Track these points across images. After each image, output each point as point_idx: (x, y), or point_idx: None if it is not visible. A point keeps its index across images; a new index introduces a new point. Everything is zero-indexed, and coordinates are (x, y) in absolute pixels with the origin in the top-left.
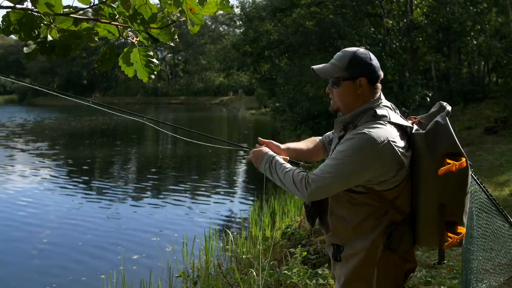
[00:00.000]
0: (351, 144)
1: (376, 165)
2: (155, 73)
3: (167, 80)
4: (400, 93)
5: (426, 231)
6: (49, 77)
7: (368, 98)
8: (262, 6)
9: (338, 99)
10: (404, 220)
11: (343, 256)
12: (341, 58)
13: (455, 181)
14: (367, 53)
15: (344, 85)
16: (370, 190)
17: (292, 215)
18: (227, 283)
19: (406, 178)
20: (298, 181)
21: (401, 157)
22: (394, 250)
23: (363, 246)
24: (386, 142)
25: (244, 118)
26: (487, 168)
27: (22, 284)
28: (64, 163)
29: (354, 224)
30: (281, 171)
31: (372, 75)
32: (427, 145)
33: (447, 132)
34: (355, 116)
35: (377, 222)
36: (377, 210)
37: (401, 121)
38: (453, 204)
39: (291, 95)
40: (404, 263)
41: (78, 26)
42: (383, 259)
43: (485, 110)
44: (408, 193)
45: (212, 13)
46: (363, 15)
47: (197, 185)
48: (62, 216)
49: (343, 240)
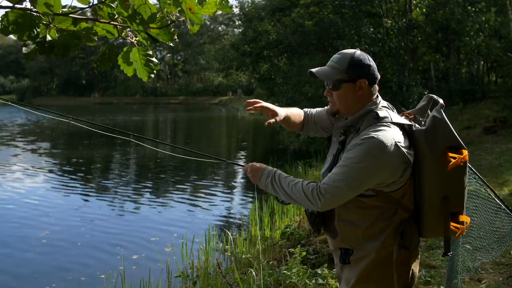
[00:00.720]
0: (361, 150)
1: (387, 168)
2: (155, 72)
3: (166, 80)
4: (399, 93)
5: (431, 223)
6: (48, 77)
7: (368, 100)
8: (261, 6)
9: (339, 102)
10: (410, 217)
11: (352, 259)
12: (340, 60)
13: (458, 174)
14: (365, 55)
15: (345, 88)
16: (379, 192)
17: (292, 215)
18: (226, 283)
19: (410, 176)
20: (309, 193)
21: (407, 157)
22: (408, 248)
23: (373, 248)
24: (394, 144)
25: (243, 118)
26: (486, 168)
27: (22, 284)
28: (63, 163)
29: (363, 228)
30: (287, 185)
31: (371, 77)
32: (428, 141)
33: (446, 126)
34: (356, 120)
35: (387, 223)
36: (386, 211)
37: (401, 120)
38: (456, 195)
39: (290, 95)
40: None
41: (77, 26)
42: (399, 259)
43: (484, 109)
44: (412, 190)
45: (211, 13)
46: (362, 14)
47: (197, 185)
48: (61, 216)
49: (353, 244)
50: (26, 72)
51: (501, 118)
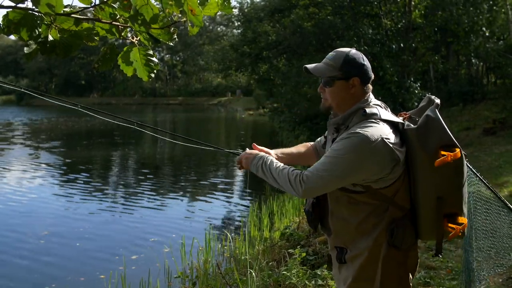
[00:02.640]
0: (346, 143)
1: (371, 163)
2: (155, 72)
3: (165, 80)
4: (399, 94)
5: (428, 225)
6: (47, 77)
7: (360, 98)
8: (260, 7)
9: (331, 99)
10: (405, 216)
11: (347, 257)
12: (335, 58)
13: (451, 173)
14: (359, 54)
15: (338, 85)
16: (368, 188)
17: (291, 216)
18: (225, 283)
19: (403, 174)
20: (292, 179)
21: (396, 154)
22: (398, 247)
23: (367, 246)
24: (379, 140)
25: (242, 119)
26: (485, 169)
27: (21, 284)
28: (62, 163)
29: (355, 224)
30: (275, 169)
31: (364, 76)
32: (420, 139)
33: (439, 124)
34: (346, 117)
35: (377, 220)
36: (377, 208)
37: (392, 118)
38: (451, 195)
39: (289, 96)
40: (406, 259)
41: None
42: (387, 257)
43: (484, 111)
44: (407, 189)
45: (213, 14)
46: (361, 16)
47: (196, 186)
48: (60, 217)
49: (346, 241)
50: (25, 72)
51: (500, 120)
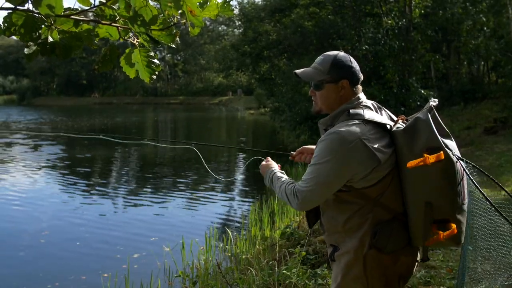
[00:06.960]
0: (323, 146)
1: (352, 163)
2: (157, 73)
3: (166, 80)
4: (400, 93)
5: (416, 230)
6: (48, 77)
7: (348, 100)
8: (261, 7)
9: (321, 102)
10: (393, 218)
11: (336, 255)
12: (323, 62)
13: (437, 177)
14: (347, 56)
15: (327, 88)
16: (350, 188)
17: (291, 215)
18: (226, 283)
19: (391, 176)
20: (290, 194)
21: (375, 154)
22: (381, 249)
23: (353, 245)
24: (357, 140)
25: (243, 118)
26: (486, 169)
27: (23, 284)
28: (62, 163)
29: (342, 222)
30: (278, 186)
31: (353, 77)
32: (407, 141)
33: (427, 127)
34: (332, 118)
35: (362, 220)
36: (362, 208)
37: (378, 119)
38: (441, 201)
39: (290, 95)
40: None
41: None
42: (369, 258)
43: (485, 110)
44: (395, 191)
45: (213, 15)
46: (362, 15)
47: (197, 185)
48: (60, 217)
49: (337, 239)
50: (26, 72)
51: (502, 119)
